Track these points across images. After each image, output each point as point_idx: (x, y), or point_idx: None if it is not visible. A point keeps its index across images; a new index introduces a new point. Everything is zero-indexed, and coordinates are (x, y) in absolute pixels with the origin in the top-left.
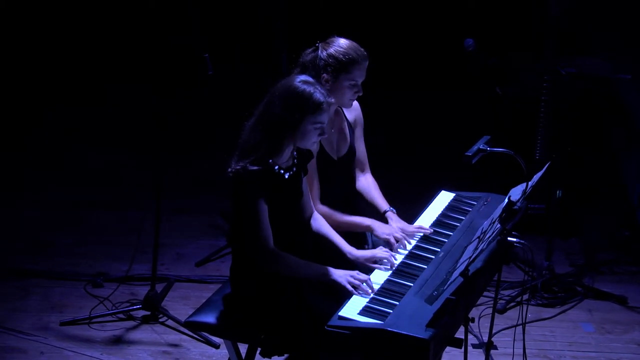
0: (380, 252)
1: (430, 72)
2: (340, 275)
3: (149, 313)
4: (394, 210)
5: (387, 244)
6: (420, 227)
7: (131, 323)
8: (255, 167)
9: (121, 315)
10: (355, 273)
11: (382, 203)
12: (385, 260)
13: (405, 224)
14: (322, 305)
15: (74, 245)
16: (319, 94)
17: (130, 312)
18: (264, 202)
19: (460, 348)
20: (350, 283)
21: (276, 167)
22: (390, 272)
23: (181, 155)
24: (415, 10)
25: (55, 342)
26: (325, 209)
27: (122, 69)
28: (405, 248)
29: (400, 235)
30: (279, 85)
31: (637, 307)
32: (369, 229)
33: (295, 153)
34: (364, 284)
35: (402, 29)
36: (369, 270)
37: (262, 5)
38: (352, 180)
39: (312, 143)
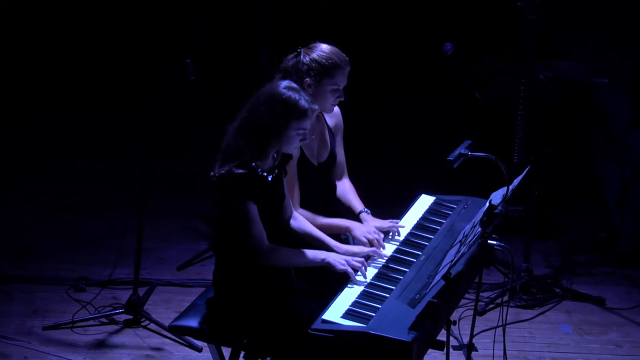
0: (367, 248)
1: (409, 74)
2: (336, 259)
3: (131, 317)
4: (369, 211)
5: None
6: (393, 222)
7: (114, 327)
8: (240, 171)
9: (104, 320)
10: (349, 258)
11: (357, 204)
12: (375, 256)
13: (380, 221)
14: (305, 309)
15: (56, 250)
16: (304, 100)
17: (113, 316)
18: (252, 203)
19: (442, 350)
20: (349, 265)
21: (259, 170)
22: (372, 275)
23: (162, 159)
24: (397, 13)
25: (39, 346)
26: (304, 212)
27: (107, 71)
28: (382, 247)
29: (374, 236)
30: (264, 91)
31: (614, 308)
32: (348, 229)
33: (275, 155)
34: (358, 272)
35: (383, 29)
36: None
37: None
38: (333, 185)
39: (293, 148)
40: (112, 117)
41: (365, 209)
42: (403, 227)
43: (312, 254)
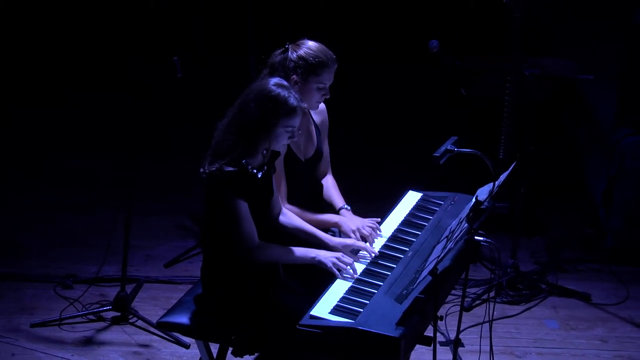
0: (359, 242)
1: (396, 71)
2: (327, 256)
3: (119, 314)
4: (349, 208)
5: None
6: (373, 222)
7: (101, 324)
8: (230, 168)
9: (91, 317)
10: (340, 255)
11: (337, 201)
12: (363, 250)
13: (360, 219)
14: (293, 305)
15: (43, 247)
16: (293, 98)
17: (101, 313)
18: (243, 201)
19: (430, 346)
20: (334, 265)
21: (249, 167)
22: (360, 271)
23: (148, 157)
24: (382, 13)
25: (26, 343)
26: (293, 208)
27: (98, 72)
28: (374, 241)
29: (367, 231)
30: (253, 88)
31: (600, 304)
32: (337, 225)
33: (265, 152)
34: (349, 267)
35: (375, 29)
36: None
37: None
38: (318, 181)
39: (282, 145)
40: (102, 116)
41: (346, 206)
42: (378, 227)
43: (302, 251)
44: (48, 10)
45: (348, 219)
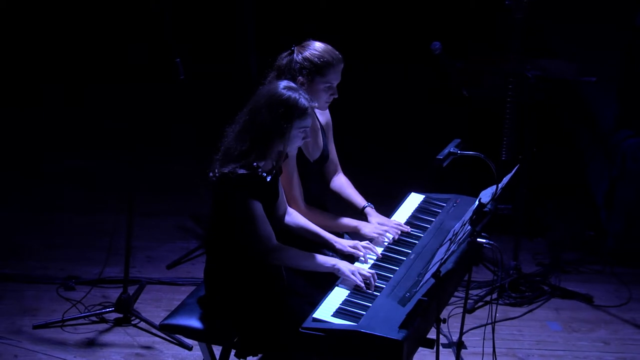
0: (364, 242)
1: (398, 72)
2: (347, 267)
3: (121, 315)
4: (372, 206)
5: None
6: (399, 224)
7: (104, 326)
8: (243, 171)
9: (94, 318)
10: (359, 269)
11: (359, 200)
12: (369, 252)
13: (385, 218)
14: (296, 307)
15: (45, 248)
16: (303, 99)
17: (103, 315)
18: (258, 202)
19: (433, 348)
20: (354, 275)
21: (259, 171)
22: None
23: (150, 157)
24: (383, 14)
25: (29, 345)
26: (311, 209)
27: (99, 71)
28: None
29: (383, 230)
30: (264, 93)
31: (602, 306)
32: (356, 229)
33: (279, 155)
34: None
35: (367, 27)
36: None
37: (230, 7)
38: (325, 181)
39: (296, 147)
40: (101, 117)
41: (369, 204)
42: (407, 228)
43: (321, 259)
44: (48, 10)
45: (367, 224)
